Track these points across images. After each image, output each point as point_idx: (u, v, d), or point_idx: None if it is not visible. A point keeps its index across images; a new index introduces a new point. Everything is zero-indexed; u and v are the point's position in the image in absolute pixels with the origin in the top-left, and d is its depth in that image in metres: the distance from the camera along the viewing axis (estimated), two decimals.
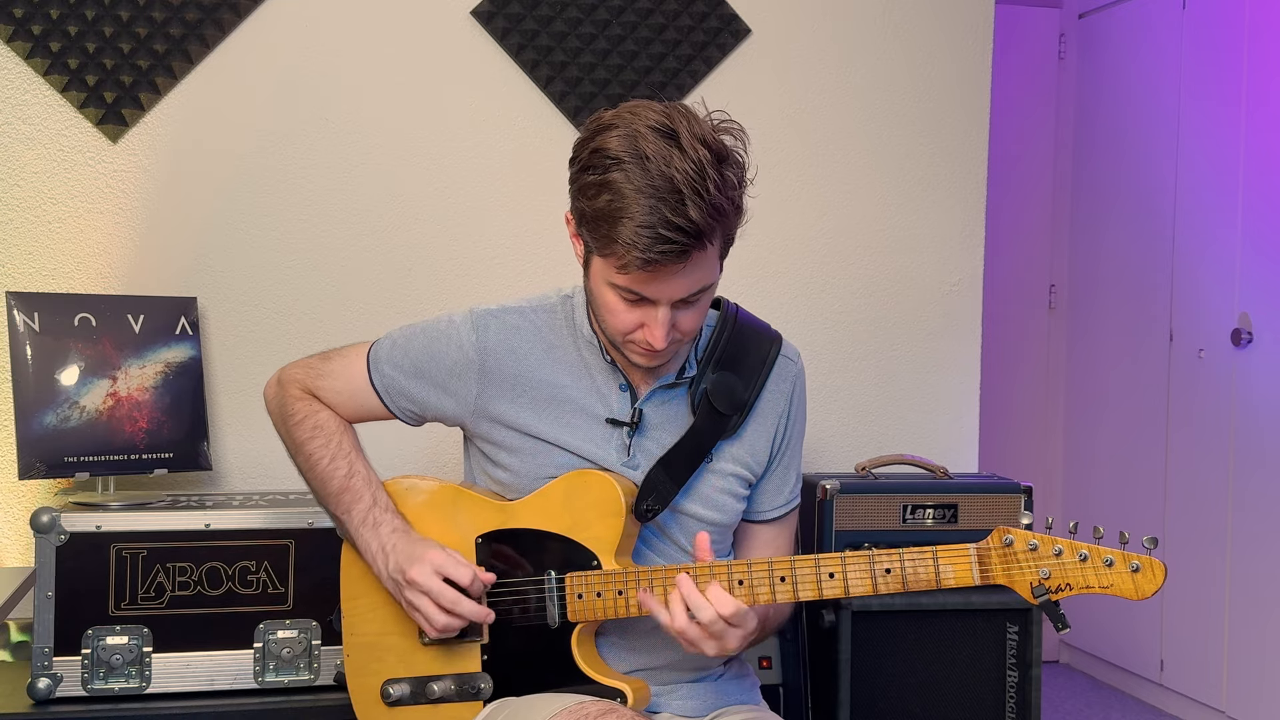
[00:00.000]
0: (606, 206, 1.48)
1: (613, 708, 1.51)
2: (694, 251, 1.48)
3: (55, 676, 2.00)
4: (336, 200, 2.54)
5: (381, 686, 1.71)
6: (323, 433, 1.75)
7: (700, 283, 1.53)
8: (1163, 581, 1.42)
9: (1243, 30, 3.70)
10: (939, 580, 1.49)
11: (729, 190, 1.49)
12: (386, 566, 1.67)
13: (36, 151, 2.40)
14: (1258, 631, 3.57)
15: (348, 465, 1.73)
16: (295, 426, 1.77)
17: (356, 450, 1.76)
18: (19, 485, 2.34)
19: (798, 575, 1.53)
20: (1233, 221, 3.72)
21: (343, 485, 1.72)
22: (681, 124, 1.48)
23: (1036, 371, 4.60)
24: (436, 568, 1.62)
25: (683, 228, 1.45)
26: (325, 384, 1.77)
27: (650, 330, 1.55)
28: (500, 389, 1.69)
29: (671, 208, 1.44)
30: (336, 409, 1.77)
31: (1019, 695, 2.34)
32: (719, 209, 1.47)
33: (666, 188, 1.45)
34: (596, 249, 1.53)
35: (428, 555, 1.63)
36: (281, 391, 1.80)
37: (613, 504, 1.62)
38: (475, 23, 2.60)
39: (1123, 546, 1.44)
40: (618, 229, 1.47)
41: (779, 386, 1.74)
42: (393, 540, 1.67)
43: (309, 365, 1.80)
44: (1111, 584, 1.43)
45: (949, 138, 2.84)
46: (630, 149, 1.47)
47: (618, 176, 1.47)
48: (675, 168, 1.45)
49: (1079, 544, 1.45)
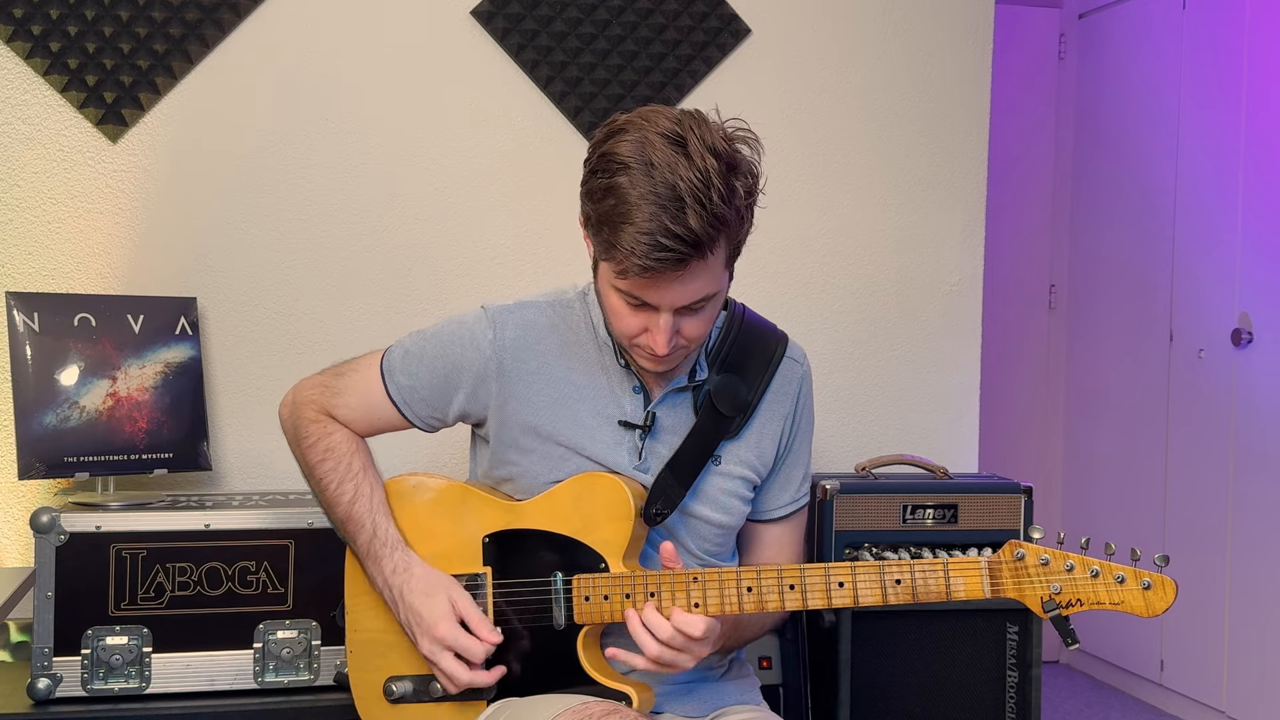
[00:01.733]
0: (610, 211, 1.48)
1: (616, 708, 1.51)
2: (693, 260, 1.47)
3: (55, 677, 2.00)
4: (336, 200, 2.54)
5: (384, 684, 1.71)
6: (334, 455, 1.74)
7: (703, 291, 1.52)
8: (1174, 599, 1.41)
9: (1243, 30, 3.70)
10: (949, 592, 1.49)
11: (734, 200, 1.48)
12: (398, 613, 1.68)
13: (36, 151, 2.40)
14: (1258, 631, 3.57)
15: (353, 489, 1.72)
16: (309, 450, 1.75)
17: (365, 469, 1.74)
18: (19, 485, 2.34)
19: (807, 584, 1.53)
20: (1233, 221, 3.72)
21: (346, 513, 1.72)
22: (692, 132, 1.48)
23: (1036, 371, 4.60)
24: (448, 644, 1.63)
25: (682, 236, 1.44)
26: (340, 401, 1.75)
27: (653, 335, 1.55)
28: (517, 386, 1.68)
29: (672, 216, 1.44)
30: (352, 426, 1.76)
31: (1019, 695, 2.34)
32: (721, 219, 1.46)
33: (669, 195, 1.44)
34: (600, 253, 1.53)
35: (437, 632, 1.63)
36: (296, 413, 1.78)
37: (622, 507, 1.62)
38: (475, 23, 2.60)
39: (1134, 563, 1.43)
40: (619, 234, 1.47)
41: (784, 387, 1.74)
42: (397, 584, 1.67)
43: (324, 384, 1.77)
44: (1122, 601, 1.43)
45: (949, 138, 2.84)
46: (638, 155, 1.47)
47: (623, 181, 1.47)
48: (680, 176, 1.44)
49: (1091, 560, 1.44)
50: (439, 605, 1.64)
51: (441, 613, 1.64)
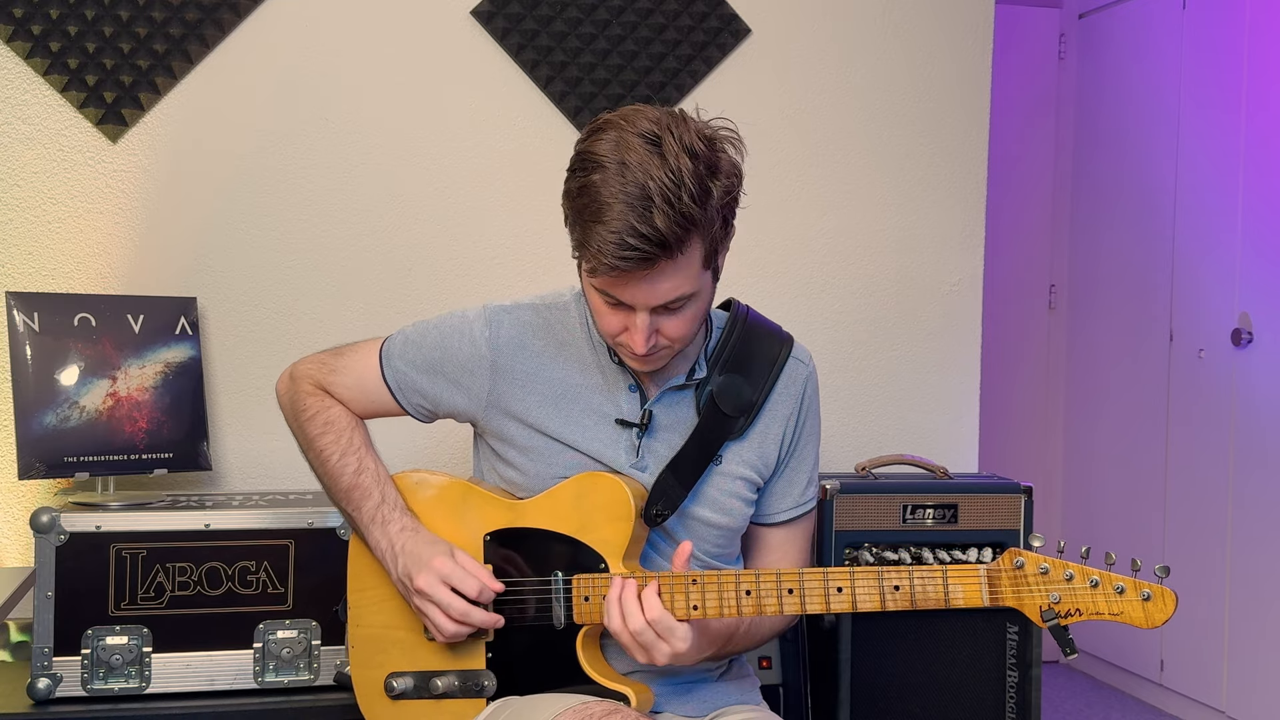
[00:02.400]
0: (584, 209, 1.49)
1: (617, 708, 1.51)
2: (660, 260, 1.47)
3: (55, 676, 2.00)
4: (336, 200, 2.54)
5: (385, 680, 1.71)
6: (333, 429, 1.75)
7: (676, 291, 1.52)
8: (1173, 611, 1.41)
9: (1243, 30, 3.70)
10: (948, 600, 1.49)
11: (707, 201, 1.48)
12: (396, 568, 1.67)
13: (36, 151, 2.40)
14: (1258, 631, 3.57)
15: (357, 461, 1.73)
16: (307, 422, 1.76)
17: (367, 446, 1.76)
18: (19, 485, 2.34)
19: (805, 589, 1.53)
20: (1233, 222, 3.72)
21: (352, 482, 1.72)
22: (669, 132, 1.48)
23: (1036, 371, 4.60)
24: (444, 577, 1.62)
25: (648, 236, 1.44)
26: (337, 379, 1.77)
27: (630, 335, 1.55)
28: (512, 385, 1.69)
29: (639, 215, 1.44)
30: (349, 404, 1.77)
31: (1019, 695, 2.34)
32: (690, 219, 1.46)
33: (638, 195, 1.44)
34: (575, 250, 1.54)
35: (434, 563, 1.63)
36: (294, 387, 1.80)
37: (622, 507, 1.62)
38: (475, 23, 2.60)
39: (1134, 574, 1.43)
40: (589, 233, 1.47)
41: (788, 389, 1.74)
42: (401, 540, 1.67)
43: (322, 361, 1.80)
44: (1122, 611, 1.43)
45: (949, 138, 2.84)
46: (614, 154, 1.47)
47: (596, 180, 1.47)
48: (652, 176, 1.44)
49: (1091, 570, 1.44)
50: (440, 548, 1.65)
51: (443, 551, 1.64)
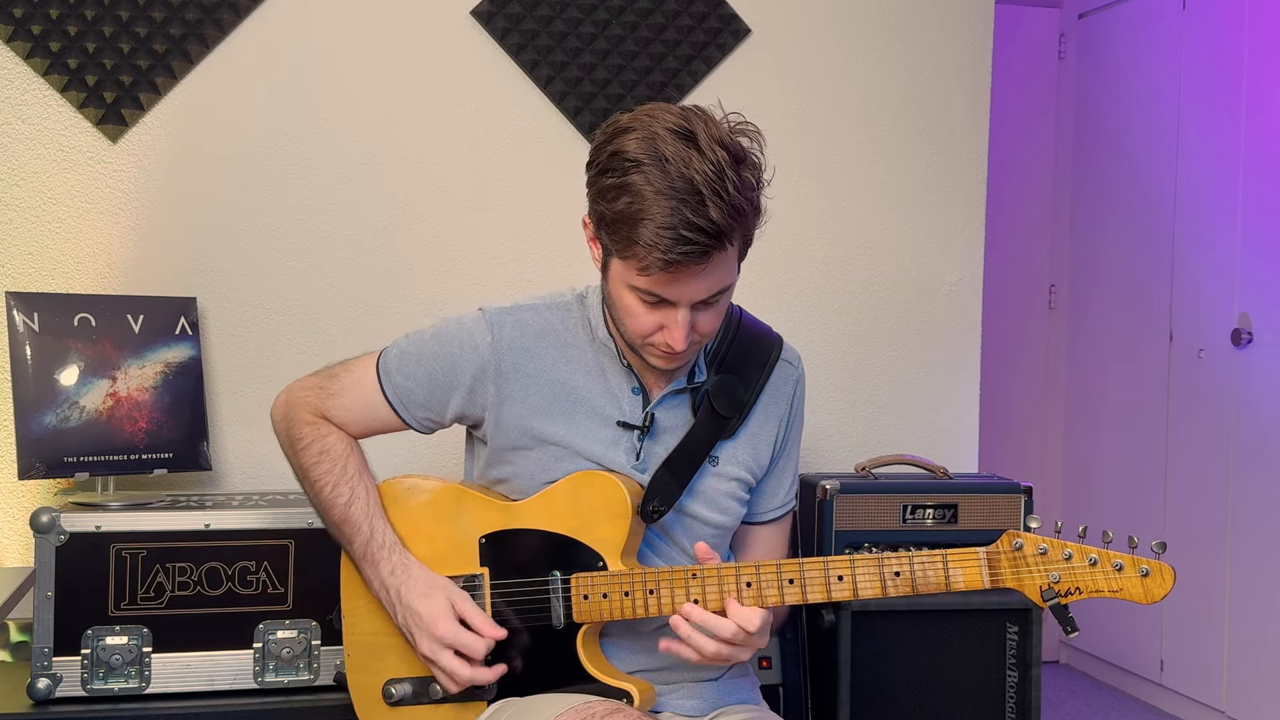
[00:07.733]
0: (626, 209, 1.48)
1: (619, 707, 1.51)
2: (714, 252, 1.48)
3: (55, 676, 2.00)
4: (336, 200, 2.54)
5: (383, 686, 1.71)
6: (329, 457, 1.73)
7: (720, 284, 1.54)
8: (1172, 586, 1.42)
9: (1243, 30, 3.70)
10: (949, 583, 1.49)
11: (747, 191, 1.50)
12: (396, 617, 1.67)
13: (36, 151, 2.40)
14: (1258, 631, 3.57)
15: (349, 491, 1.71)
16: (301, 452, 1.74)
17: (360, 472, 1.74)
18: (19, 485, 2.34)
19: (806, 578, 1.54)
20: (1233, 222, 3.72)
21: (342, 515, 1.71)
22: (699, 126, 1.49)
23: (1036, 371, 4.60)
24: (448, 642, 1.62)
25: (704, 228, 1.45)
26: (335, 403, 1.74)
27: (670, 332, 1.55)
28: (515, 388, 1.68)
29: (692, 208, 1.45)
30: (346, 427, 1.75)
31: (1019, 695, 2.34)
32: (739, 209, 1.48)
33: (687, 189, 1.45)
34: (616, 252, 1.53)
35: (437, 631, 1.62)
36: (289, 414, 1.77)
37: (619, 505, 1.62)
38: (475, 23, 2.60)
39: (1131, 551, 1.44)
40: (638, 231, 1.47)
41: (779, 389, 1.74)
42: (394, 584, 1.67)
43: (318, 386, 1.76)
44: (1121, 588, 1.44)
45: (949, 138, 2.84)
46: (649, 151, 1.47)
47: (637, 179, 1.47)
48: (695, 169, 1.45)
49: (1088, 548, 1.45)
50: (438, 604, 1.64)
51: (441, 611, 1.63)
